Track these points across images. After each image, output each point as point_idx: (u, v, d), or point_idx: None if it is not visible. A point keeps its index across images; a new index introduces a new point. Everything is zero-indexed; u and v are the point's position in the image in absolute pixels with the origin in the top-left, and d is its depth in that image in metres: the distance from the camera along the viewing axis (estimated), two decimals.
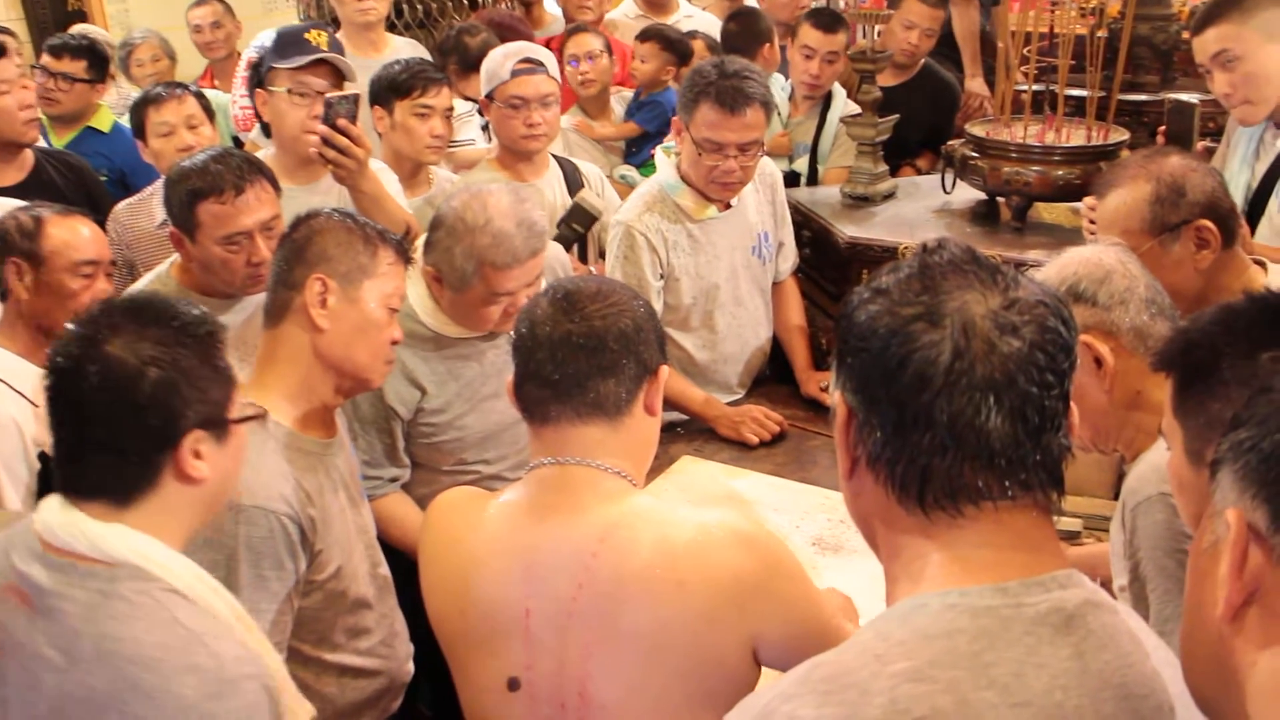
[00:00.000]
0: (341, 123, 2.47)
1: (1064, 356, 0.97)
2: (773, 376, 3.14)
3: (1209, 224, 1.95)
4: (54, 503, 1.39)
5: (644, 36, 3.99)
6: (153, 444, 1.38)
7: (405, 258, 1.96)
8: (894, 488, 0.99)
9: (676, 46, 3.94)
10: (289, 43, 2.78)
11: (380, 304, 1.90)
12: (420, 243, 2.33)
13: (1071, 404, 1.00)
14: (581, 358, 1.48)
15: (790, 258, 3.09)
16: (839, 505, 2.35)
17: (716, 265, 2.83)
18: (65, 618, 1.33)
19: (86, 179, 3.37)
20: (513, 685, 1.49)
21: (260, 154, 2.98)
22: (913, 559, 0.99)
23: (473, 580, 1.51)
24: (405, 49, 3.69)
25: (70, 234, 2.24)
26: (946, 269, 0.99)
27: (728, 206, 2.80)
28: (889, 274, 1.02)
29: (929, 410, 0.95)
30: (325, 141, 2.47)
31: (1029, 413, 0.95)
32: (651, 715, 1.44)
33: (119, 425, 1.37)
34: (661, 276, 2.77)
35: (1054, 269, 1.71)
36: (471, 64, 3.78)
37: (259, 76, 2.82)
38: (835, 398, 1.03)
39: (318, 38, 2.79)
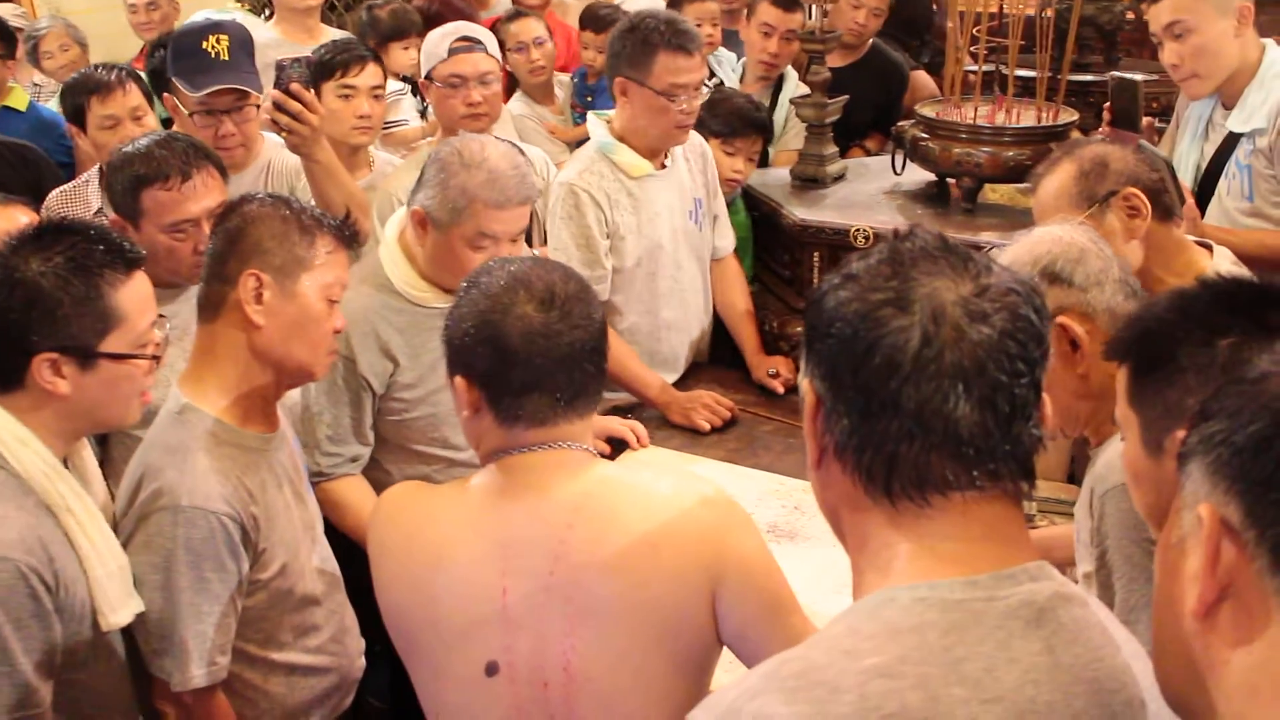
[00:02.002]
0: (294, 87, 2.39)
1: (1035, 345, 0.95)
2: (722, 360, 3.11)
3: (1135, 191, 1.98)
4: None
5: (588, 25, 3.95)
6: (9, 350, 1.59)
7: (347, 242, 1.90)
8: (861, 477, 0.97)
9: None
10: (187, 54, 2.66)
11: (319, 296, 1.83)
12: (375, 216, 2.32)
13: (1044, 393, 0.97)
14: (590, 366, 1.48)
15: (728, 234, 3.05)
16: (793, 492, 2.37)
17: (657, 224, 2.80)
18: None
19: (42, 170, 3.24)
20: (491, 670, 1.46)
21: None
22: (880, 549, 0.97)
23: (442, 568, 1.47)
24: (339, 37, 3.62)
25: (8, 223, 2.12)
26: (917, 255, 0.97)
27: (663, 166, 2.79)
28: (859, 260, 1.00)
29: (896, 397, 0.93)
30: (277, 106, 2.39)
31: (999, 401, 0.93)
32: (634, 683, 1.44)
33: None
34: (608, 235, 2.73)
35: (1024, 248, 1.69)
36: (386, 35, 3.71)
37: (164, 81, 2.72)
38: (804, 385, 1.01)
39: (217, 44, 2.66)
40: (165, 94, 2.74)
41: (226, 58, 2.66)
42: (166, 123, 3.89)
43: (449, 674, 1.49)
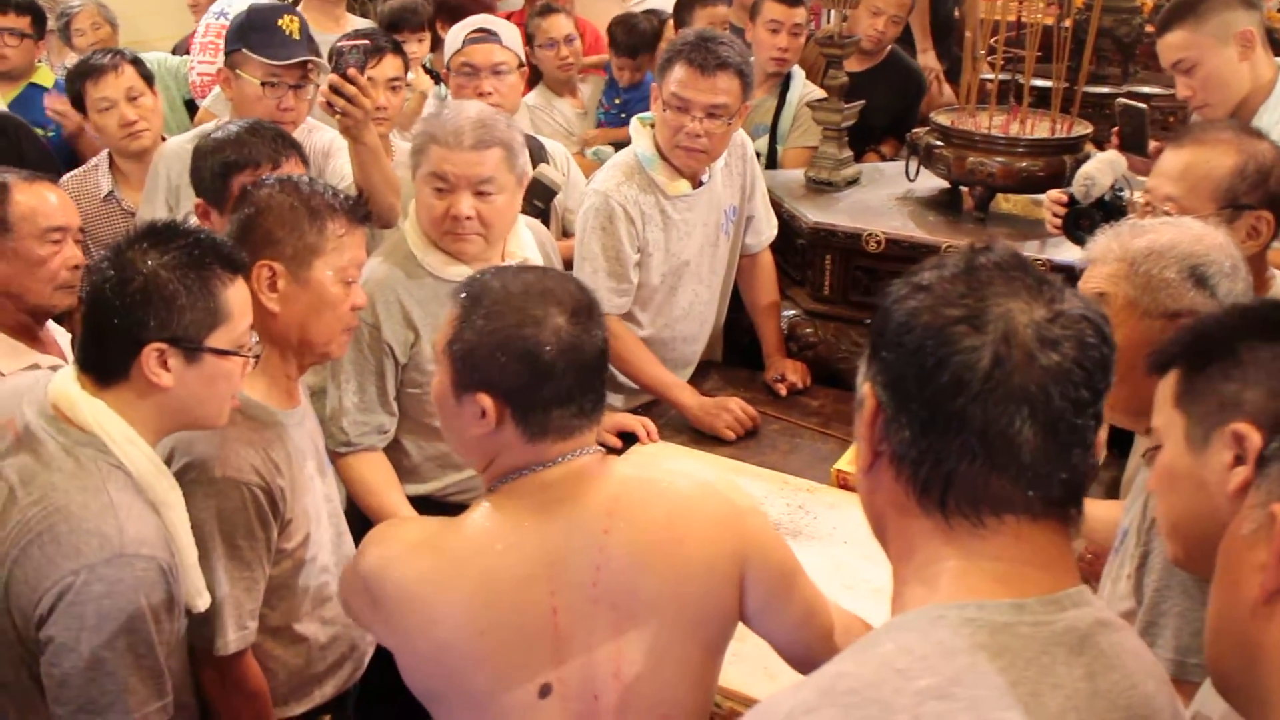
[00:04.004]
0: (351, 72, 2.46)
1: (1101, 375, 0.96)
2: (733, 358, 3.13)
3: (1270, 217, 1.91)
4: (67, 370, 1.67)
5: (619, 49, 4.03)
6: (122, 341, 1.61)
7: (360, 220, 1.94)
8: (915, 488, 0.97)
9: (648, 40, 4.01)
10: (261, 29, 2.77)
11: (335, 279, 1.88)
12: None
13: (1102, 424, 0.99)
14: (603, 372, 1.48)
15: (765, 229, 3.03)
16: (797, 490, 2.41)
17: (687, 244, 2.80)
18: (34, 459, 1.61)
19: (23, 140, 3.27)
20: (544, 692, 1.43)
21: (212, 124, 2.95)
22: (928, 562, 0.98)
23: (490, 601, 1.41)
24: (362, 26, 3.67)
25: (38, 200, 2.19)
26: (993, 273, 0.97)
27: (699, 184, 2.77)
28: (932, 270, 0.99)
29: (962, 415, 0.93)
30: (334, 90, 2.45)
31: (1061, 429, 0.94)
32: (677, 676, 1.46)
33: (102, 318, 1.62)
34: (638, 250, 2.73)
35: (1185, 237, 1.60)
36: (396, 24, 3.76)
37: (226, 51, 2.81)
38: (864, 390, 1.01)
39: (290, 24, 2.78)
40: (221, 68, 2.85)
41: (298, 38, 2.79)
42: (189, 105, 3.96)
43: (497, 705, 1.44)
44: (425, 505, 2.33)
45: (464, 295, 1.47)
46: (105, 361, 1.63)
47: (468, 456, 1.53)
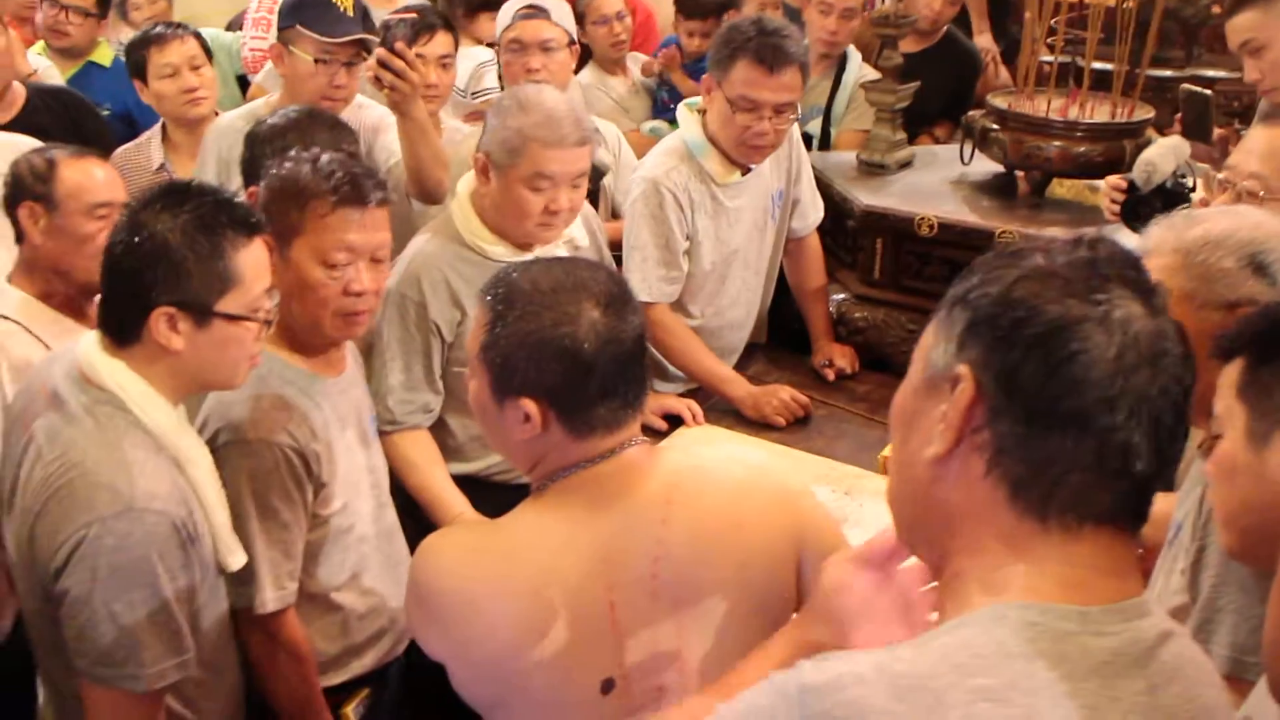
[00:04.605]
0: (399, 46, 2.46)
1: (1188, 394, 0.93)
2: (782, 341, 3.10)
3: None
4: (92, 333, 1.69)
5: (688, 10, 3.96)
6: (132, 303, 1.63)
7: (355, 199, 1.87)
8: (1008, 486, 0.92)
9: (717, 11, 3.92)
10: (315, 5, 2.76)
11: (316, 260, 1.86)
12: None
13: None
14: (643, 360, 1.44)
15: (810, 213, 2.99)
16: (844, 477, 2.39)
17: (735, 231, 2.76)
18: (59, 418, 1.64)
19: (83, 117, 3.29)
20: (606, 688, 1.40)
21: (262, 99, 2.96)
22: (998, 565, 0.93)
23: (551, 601, 1.38)
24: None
25: (84, 176, 2.19)
26: (1114, 269, 0.93)
27: (747, 170, 2.73)
28: (1045, 256, 0.93)
29: (1084, 416, 0.89)
30: (382, 64, 2.44)
31: (1163, 438, 0.91)
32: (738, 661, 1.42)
33: (115, 279, 1.65)
34: (687, 237, 2.70)
35: (1241, 225, 1.56)
36: (476, 4, 3.75)
37: (279, 28, 2.82)
38: (961, 370, 0.93)
39: (344, 1, 2.77)
40: (274, 44, 2.85)
41: (352, 14, 2.78)
42: (241, 81, 3.99)
43: (560, 704, 1.41)
44: (469, 485, 2.33)
45: (493, 297, 1.42)
46: (120, 323, 1.65)
47: (514, 460, 1.49)
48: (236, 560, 1.74)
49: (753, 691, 0.94)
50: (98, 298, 1.71)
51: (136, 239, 1.62)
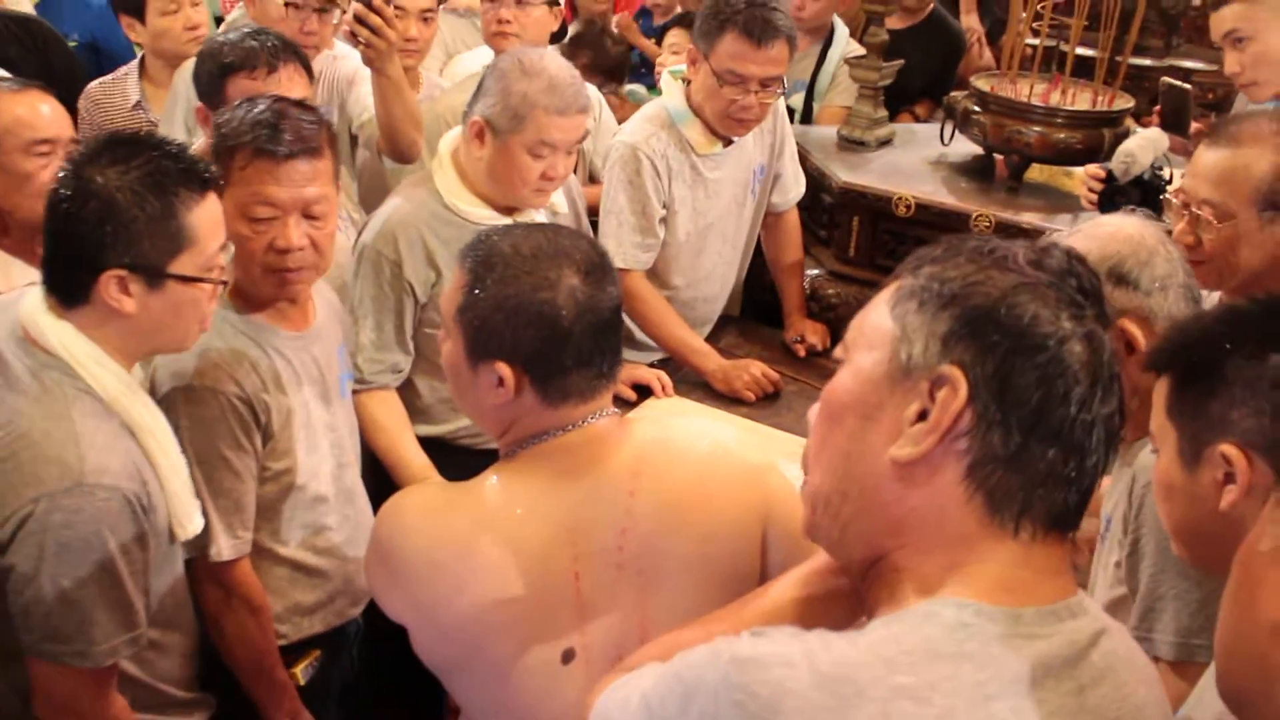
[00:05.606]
0: (376, 3, 2.41)
1: (1123, 412, 0.95)
2: (754, 314, 3.10)
3: None
4: (37, 290, 1.60)
5: None
6: (78, 264, 1.55)
7: (271, 151, 1.79)
8: (984, 494, 0.91)
9: None
10: None
11: (239, 214, 1.79)
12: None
13: None
14: (619, 329, 1.43)
15: (792, 189, 2.97)
16: None
17: (714, 203, 2.75)
18: (2, 383, 1.56)
19: (53, 51, 3.21)
20: (567, 657, 1.40)
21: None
22: (942, 565, 0.93)
23: (517, 566, 1.37)
24: None
25: (26, 110, 2.09)
26: (1093, 286, 0.94)
27: (730, 142, 2.71)
28: (1030, 264, 0.93)
29: (1062, 427, 0.90)
30: (358, 20, 2.41)
31: (1110, 445, 0.93)
32: None
33: (60, 239, 1.57)
34: (664, 205, 2.68)
35: (1094, 244, 1.62)
36: None
37: None
38: (949, 371, 0.91)
39: None
40: None
41: None
42: (219, 21, 3.91)
43: (520, 670, 1.40)
44: (436, 447, 2.32)
45: (472, 259, 1.40)
46: (67, 284, 1.57)
47: (484, 424, 1.48)
48: (194, 526, 1.69)
49: (697, 650, 0.94)
50: None
51: (83, 197, 1.52)
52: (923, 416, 0.92)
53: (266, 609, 1.91)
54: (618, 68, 3.56)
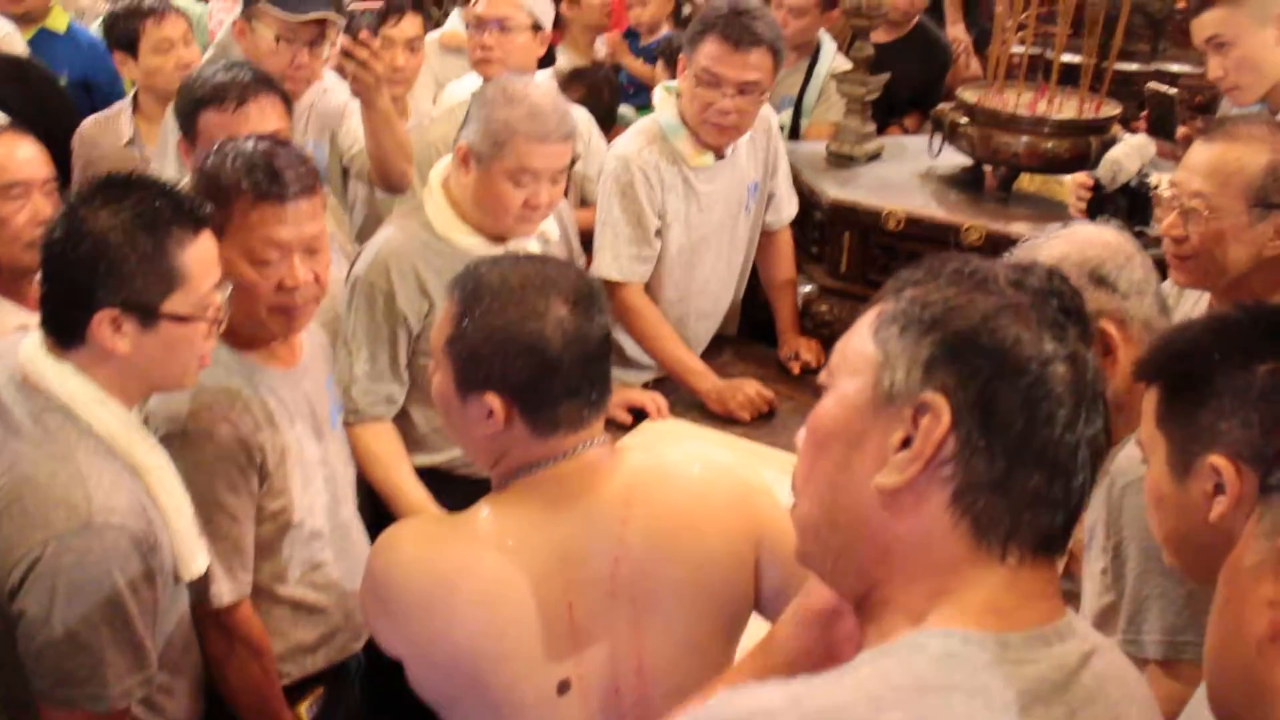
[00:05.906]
0: (363, 35, 2.43)
1: (1109, 432, 0.94)
2: (749, 333, 3.10)
3: None
4: (34, 335, 1.61)
5: None
6: (72, 304, 1.55)
7: (277, 194, 1.79)
8: (971, 520, 0.90)
9: None
10: None
11: (246, 259, 1.78)
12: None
13: None
14: (608, 359, 1.44)
15: (785, 207, 2.99)
16: None
17: (707, 218, 2.76)
18: (3, 427, 1.56)
19: (47, 92, 3.21)
20: (563, 689, 1.39)
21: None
22: (928, 593, 0.92)
23: (507, 599, 1.37)
24: None
25: (4, 151, 2.07)
26: (1076, 306, 0.93)
27: (722, 156, 2.72)
28: (1010, 286, 0.92)
29: (1046, 452, 0.89)
30: (346, 54, 2.42)
31: (1095, 465, 0.92)
32: (700, 665, 1.42)
33: (55, 280, 1.57)
34: (658, 216, 2.69)
35: (1075, 248, 1.63)
36: None
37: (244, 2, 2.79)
38: (931, 399, 0.90)
39: None
40: (237, 20, 2.82)
41: None
42: None
43: (516, 703, 1.39)
44: (432, 477, 2.32)
45: (460, 291, 1.41)
46: (62, 324, 1.57)
47: (475, 456, 1.49)
48: (197, 566, 1.68)
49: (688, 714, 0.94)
50: (37, 276, 1.63)
51: (76, 238, 1.54)
52: (907, 444, 0.91)
53: (269, 651, 1.90)
54: (606, 116, 3.57)
